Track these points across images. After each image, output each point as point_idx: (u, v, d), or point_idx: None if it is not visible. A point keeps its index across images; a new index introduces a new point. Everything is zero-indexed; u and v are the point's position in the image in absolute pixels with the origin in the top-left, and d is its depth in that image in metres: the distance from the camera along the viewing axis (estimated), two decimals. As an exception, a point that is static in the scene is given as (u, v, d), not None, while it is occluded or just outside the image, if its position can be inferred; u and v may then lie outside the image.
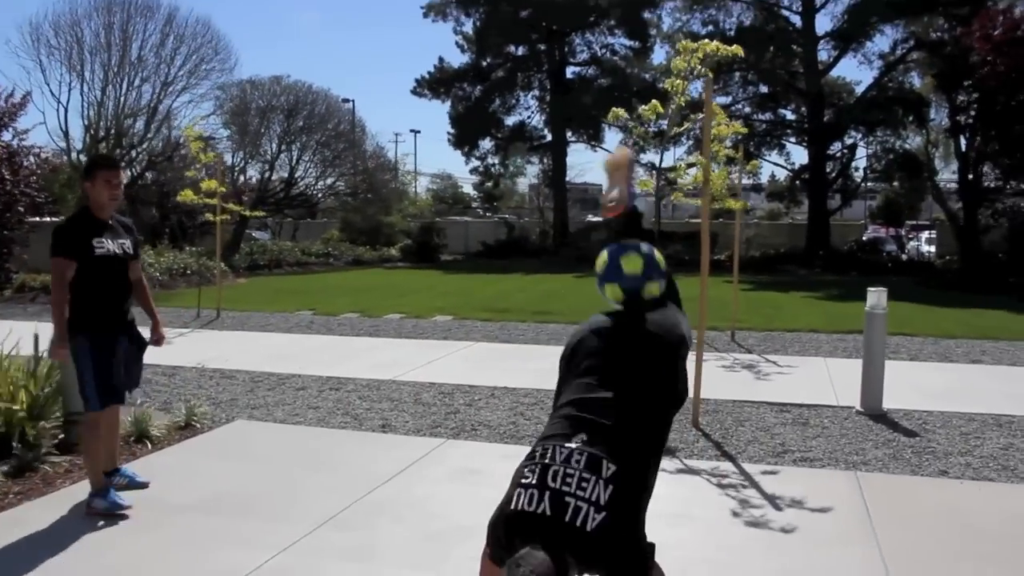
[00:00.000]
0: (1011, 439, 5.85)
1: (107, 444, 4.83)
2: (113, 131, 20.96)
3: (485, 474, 4.82)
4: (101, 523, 4.26)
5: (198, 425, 6.17)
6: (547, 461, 2.32)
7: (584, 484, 2.24)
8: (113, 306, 4.57)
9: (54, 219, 23.27)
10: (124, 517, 4.33)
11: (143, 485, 4.81)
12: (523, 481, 2.32)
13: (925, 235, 34.29)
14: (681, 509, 4.40)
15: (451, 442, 5.74)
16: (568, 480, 2.26)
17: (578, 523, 2.20)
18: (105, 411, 4.75)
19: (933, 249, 30.38)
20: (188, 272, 19.31)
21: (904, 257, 28.54)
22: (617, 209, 2.87)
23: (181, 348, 9.76)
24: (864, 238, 32.99)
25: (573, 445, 2.33)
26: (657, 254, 2.73)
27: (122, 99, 22.36)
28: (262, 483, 4.86)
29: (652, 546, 2.36)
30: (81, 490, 4.75)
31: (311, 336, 11.03)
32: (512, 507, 2.29)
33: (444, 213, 41.67)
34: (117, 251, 4.55)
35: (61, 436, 5.61)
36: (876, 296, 6.61)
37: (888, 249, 30.24)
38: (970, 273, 20.23)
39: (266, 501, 4.55)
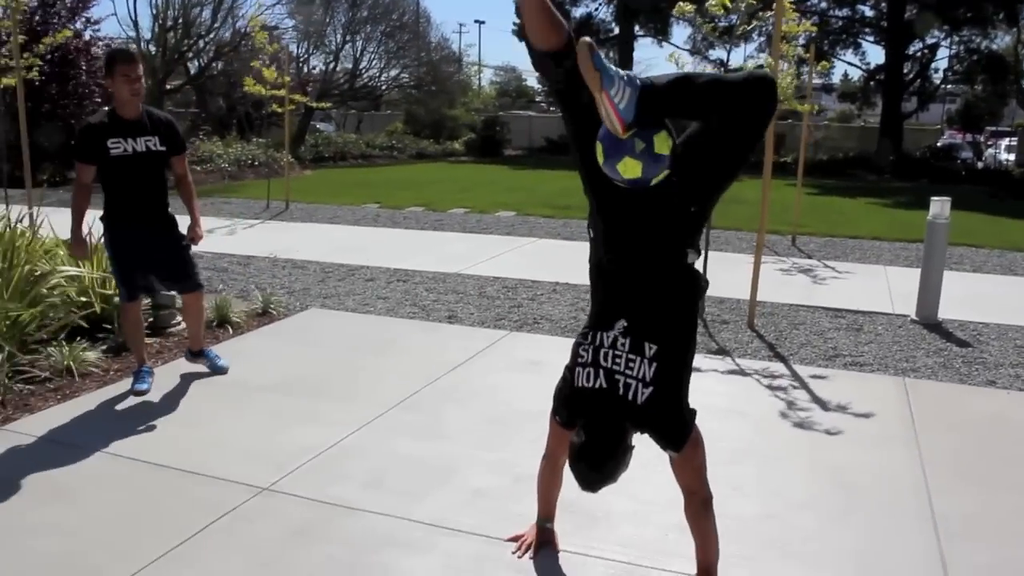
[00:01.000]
0: (1066, 352, 5.92)
1: (190, 328, 5.15)
2: (181, 20, 21.12)
3: (547, 364, 5.10)
4: (192, 398, 4.67)
5: (274, 312, 6.53)
6: (597, 343, 2.65)
7: (631, 364, 2.57)
8: (135, 203, 4.63)
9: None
10: (210, 394, 4.73)
11: (223, 370, 5.12)
12: (580, 360, 2.67)
13: (1005, 142, 32.94)
14: (732, 405, 4.64)
15: (514, 334, 6.03)
16: (617, 361, 2.59)
17: (630, 397, 2.56)
18: (189, 298, 5.02)
19: (1012, 157, 29.29)
20: (256, 163, 19.72)
21: (980, 165, 27.59)
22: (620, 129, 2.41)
23: (253, 239, 10.18)
24: (939, 144, 31.89)
25: (617, 329, 2.62)
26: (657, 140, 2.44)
27: (189, -14, 22.46)
28: (336, 367, 5.22)
29: (693, 412, 2.70)
30: (173, 369, 5.17)
31: (378, 229, 11.35)
32: (575, 384, 2.66)
33: (507, 107, 41.31)
34: (139, 149, 4.53)
35: (151, 319, 6.04)
36: (939, 205, 6.59)
37: (963, 156, 29.19)
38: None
39: (340, 384, 4.91)
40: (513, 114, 37.93)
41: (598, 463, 2.55)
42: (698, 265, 2.70)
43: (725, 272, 7.95)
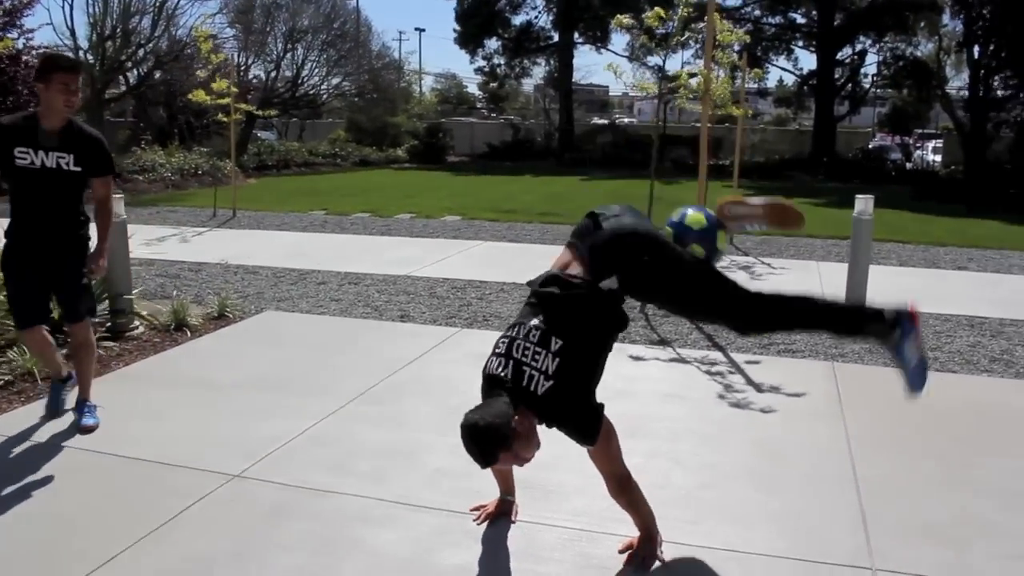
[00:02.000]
0: (979, 338, 6.36)
1: (76, 368, 4.54)
2: (120, 29, 20.93)
3: (498, 359, 5.36)
4: (156, 397, 4.81)
5: (230, 315, 6.67)
6: (513, 335, 2.87)
7: (537, 356, 2.77)
8: (38, 221, 4.15)
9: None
10: (174, 394, 4.88)
11: (85, 427, 4.29)
12: (496, 350, 2.90)
13: (932, 144, 34.28)
14: (673, 390, 4.94)
15: (465, 331, 6.27)
16: (526, 352, 2.79)
17: (532, 388, 2.75)
18: (71, 329, 4.42)
19: (939, 159, 30.48)
20: (199, 172, 19.67)
21: (909, 166, 28.68)
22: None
23: (203, 246, 10.26)
24: (870, 146, 33.01)
25: (532, 323, 2.84)
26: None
27: (128, -5, 22.21)
28: (296, 365, 5.40)
29: (600, 406, 2.86)
30: (134, 371, 5.30)
31: (326, 235, 11.50)
32: (485, 370, 2.91)
33: (449, 114, 41.58)
34: (49, 164, 4.04)
35: (108, 324, 6.15)
36: (863, 203, 7.00)
37: (893, 158, 30.30)
38: (973, 184, 20.43)
39: (301, 380, 5.09)
40: (455, 121, 38.22)
41: (478, 439, 2.63)
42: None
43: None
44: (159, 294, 7.45)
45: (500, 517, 3.32)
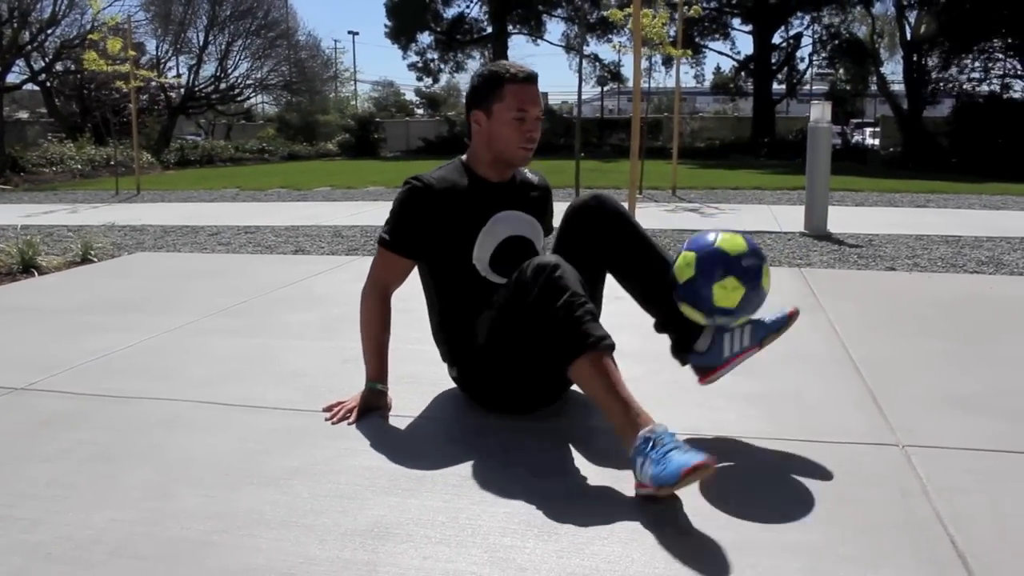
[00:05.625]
0: (960, 249, 5.59)
1: None
2: (17, 12, 19.45)
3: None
4: (-41, 324, 3.76)
5: (95, 259, 5.62)
6: None
7: None
8: None
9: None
10: (-13, 318, 3.83)
11: None
12: None
13: (869, 131, 34.28)
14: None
15: (366, 257, 5.30)
16: None
17: None
18: None
19: (877, 142, 30.34)
20: (111, 163, 18.34)
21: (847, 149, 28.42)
22: None
23: (92, 215, 9.13)
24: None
25: None
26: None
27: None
28: (154, 291, 4.38)
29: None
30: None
31: (235, 204, 10.40)
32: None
33: (387, 119, 40.33)
34: None
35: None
36: (820, 109, 6.23)
37: (833, 142, 30.03)
38: (913, 155, 20.09)
39: (154, 302, 4.07)
40: (390, 122, 36.95)
41: None
42: None
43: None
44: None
45: (369, 412, 2.37)
